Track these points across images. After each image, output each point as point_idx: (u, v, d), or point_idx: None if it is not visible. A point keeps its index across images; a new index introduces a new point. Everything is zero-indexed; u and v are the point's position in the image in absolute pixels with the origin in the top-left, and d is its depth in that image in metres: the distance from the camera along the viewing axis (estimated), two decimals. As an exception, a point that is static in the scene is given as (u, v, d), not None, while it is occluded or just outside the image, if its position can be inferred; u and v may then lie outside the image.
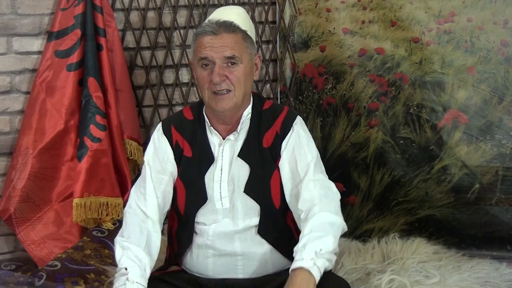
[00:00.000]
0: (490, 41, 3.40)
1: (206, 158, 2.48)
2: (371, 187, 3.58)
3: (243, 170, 2.45)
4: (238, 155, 2.46)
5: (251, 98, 2.51)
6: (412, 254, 3.08)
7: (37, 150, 3.17)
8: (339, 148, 3.61)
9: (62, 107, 3.20)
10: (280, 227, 2.46)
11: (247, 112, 2.48)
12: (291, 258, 2.31)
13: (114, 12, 3.39)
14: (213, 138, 2.49)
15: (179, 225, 2.53)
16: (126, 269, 2.31)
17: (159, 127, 2.55)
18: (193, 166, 2.48)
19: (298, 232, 2.39)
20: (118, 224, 3.21)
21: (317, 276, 2.21)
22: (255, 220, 2.45)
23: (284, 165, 2.45)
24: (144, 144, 3.46)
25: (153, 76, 3.56)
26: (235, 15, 2.46)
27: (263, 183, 2.45)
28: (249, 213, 2.45)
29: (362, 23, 3.55)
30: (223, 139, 2.48)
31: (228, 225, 2.46)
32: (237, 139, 2.48)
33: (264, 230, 2.45)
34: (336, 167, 3.56)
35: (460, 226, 3.49)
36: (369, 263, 3.02)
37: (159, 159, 2.50)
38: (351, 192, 3.60)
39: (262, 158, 2.46)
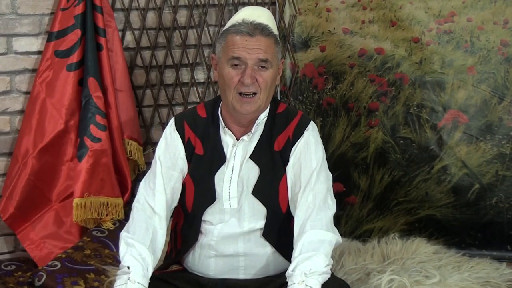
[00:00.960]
0: (490, 41, 3.40)
1: (218, 158, 2.46)
2: (371, 187, 3.58)
3: (253, 172, 2.44)
4: (250, 157, 2.45)
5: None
6: (412, 254, 3.08)
7: (37, 150, 3.17)
8: (339, 148, 3.61)
9: (62, 107, 3.20)
10: (284, 231, 2.44)
11: (264, 114, 2.47)
12: None
13: (114, 12, 3.38)
14: (227, 138, 2.47)
15: (185, 222, 2.52)
16: (128, 267, 2.31)
17: (171, 122, 2.52)
18: (204, 164, 2.47)
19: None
20: (118, 224, 3.21)
21: None
22: (261, 223, 2.44)
23: (290, 170, 2.44)
24: (144, 144, 3.47)
25: (153, 76, 3.55)
26: (267, 17, 2.44)
27: (271, 186, 2.44)
28: (255, 216, 2.44)
29: (362, 23, 3.54)
30: (237, 139, 2.47)
31: (234, 226, 2.45)
32: (251, 140, 2.46)
33: (269, 233, 2.44)
34: (336, 167, 3.54)
35: (460, 226, 3.49)
36: (369, 263, 3.02)
37: (170, 154, 2.48)
38: (351, 192, 3.60)
39: (272, 161, 2.45)
